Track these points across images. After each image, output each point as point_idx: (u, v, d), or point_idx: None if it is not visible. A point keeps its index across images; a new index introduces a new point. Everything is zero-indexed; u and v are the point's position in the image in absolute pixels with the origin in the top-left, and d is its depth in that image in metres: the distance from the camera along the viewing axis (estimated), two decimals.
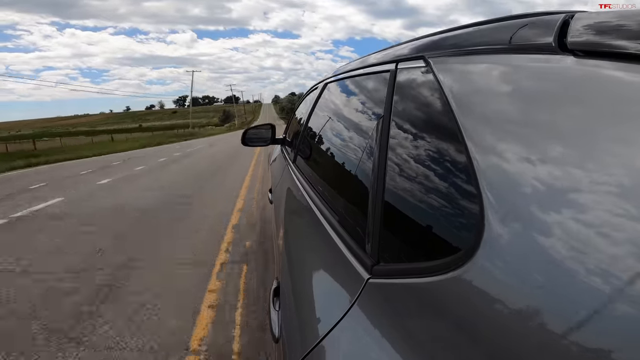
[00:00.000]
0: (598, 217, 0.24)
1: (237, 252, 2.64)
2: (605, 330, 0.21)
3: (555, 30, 0.35)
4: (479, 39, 0.47)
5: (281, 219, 1.19)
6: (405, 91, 0.57)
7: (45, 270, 2.42)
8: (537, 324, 0.25)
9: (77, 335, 1.66)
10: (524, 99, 0.35)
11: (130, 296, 2.03)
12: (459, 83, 0.44)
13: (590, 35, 0.33)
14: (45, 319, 1.81)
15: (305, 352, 0.49)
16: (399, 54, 0.66)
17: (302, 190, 1.06)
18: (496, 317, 0.28)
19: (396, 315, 0.40)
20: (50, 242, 2.99)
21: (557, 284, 0.24)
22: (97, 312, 1.86)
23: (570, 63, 0.32)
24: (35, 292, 2.09)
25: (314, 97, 1.44)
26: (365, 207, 0.56)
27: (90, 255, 2.64)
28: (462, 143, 0.37)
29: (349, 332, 0.45)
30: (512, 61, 0.39)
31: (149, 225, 3.47)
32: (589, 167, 0.26)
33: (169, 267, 2.41)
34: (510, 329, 0.26)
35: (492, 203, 0.31)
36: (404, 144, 0.51)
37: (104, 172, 7.57)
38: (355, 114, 0.86)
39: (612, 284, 0.22)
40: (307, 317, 0.58)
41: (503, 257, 0.29)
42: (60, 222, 3.63)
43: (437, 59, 0.50)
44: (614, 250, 0.22)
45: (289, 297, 0.70)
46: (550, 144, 0.30)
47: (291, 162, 1.50)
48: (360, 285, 0.47)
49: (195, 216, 3.71)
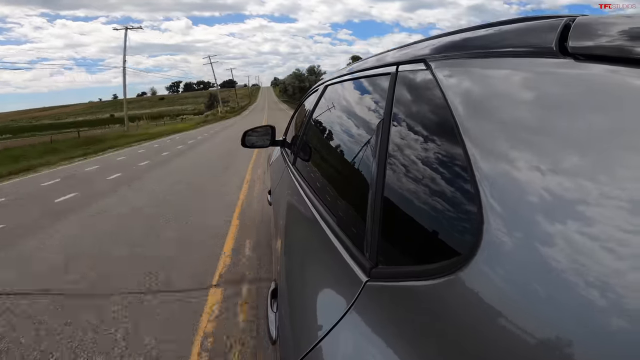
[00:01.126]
0: (598, 224, 0.24)
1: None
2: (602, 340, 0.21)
3: (556, 34, 0.35)
4: (479, 43, 0.47)
5: (280, 221, 1.19)
6: (406, 94, 0.57)
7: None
8: (533, 329, 0.25)
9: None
10: (524, 103, 0.35)
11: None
12: (460, 87, 0.44)
13: (592, 39, 0.33)
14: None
15: (303, 354, 0.48)
16: (399, 56, 0.66)
17: (302, 192, 1.06)
18: (493, 320, 0.27)
19: (394, 318, 0.40)
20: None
21: (554, 291, 0.24)
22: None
23: (571, 67, 0.32)
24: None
25: (315, 99, 1.44)
26: (364, 210, 0.56)
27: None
28: (462, 147, 0.37)
29: (347, 335, 0.45)
30: (513, 65, 0.39)
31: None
32: (590, 173, 0.26)
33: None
34: (506, 333, 0.26)
35: (492, 207, 0.31)
36: (404, 147, 0.51)
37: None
38: (355, 117, 0.86)
39: (610, 293, 0.21)
40: (304, 319, 0.58)
41: (501, 261, 0.29)
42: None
43: (438, 63, 0.50)
44: (613, 259, 0.22)
45: (287, 299, 0.70)
46: (552, 149, 0.29)
47: (291, 164, 1.50)
48: (359, 287, 0.47)
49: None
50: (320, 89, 1.40)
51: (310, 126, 1.36)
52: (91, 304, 1.99)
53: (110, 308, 1.90)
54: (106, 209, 4.02)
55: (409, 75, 0.58)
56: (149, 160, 8.05)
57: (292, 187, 1.22)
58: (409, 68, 0.59)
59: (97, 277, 2.29)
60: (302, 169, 1.26)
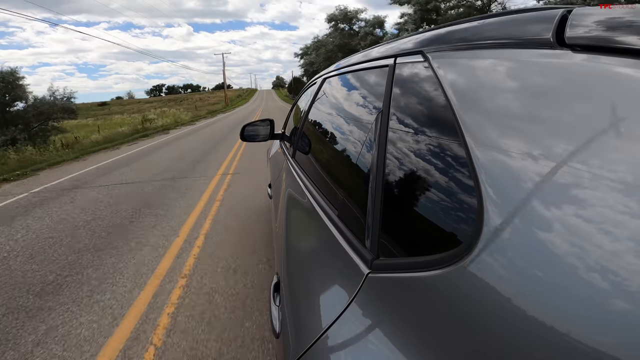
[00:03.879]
0: (598, 213, 0.24)
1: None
2: (604, 327, 0.22)
3: (553, 25, 0.35)
4: (477, 34, 0.47)
5: (280, 214, 1.20)
6: (404, 86, 0.57)
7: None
8: (535, 319, 0.25)
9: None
10: (522, 94, 0.35)
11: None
12: (457, 78, 0.44)
13: (589, 30, 0.33)
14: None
15: (307, 346, 0.49)
16: (398, 48, 0.66)
17: (302, 185, 1.06)
18: (494, 310, 0.28)
19: (396, 309, 0.40)
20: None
21: (555, 280, 0.25)
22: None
23: (569, 58, 0.32)
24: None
25: (313, 92, 1.43)
26: (364, 202, 0.56)
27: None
28: (461, 137, 0.37)
29: (350, 326, 0.45)
30: (510, 56, 0.39)
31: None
32: (588, 162, 0.26)
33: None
34: (507, 323, 0.27)
35: (492, 198, 0.31)
36: (403, 138, 0.51)
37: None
38: (354, 109, 0.85)
39: (611, 281, 0.22)
40: (307, 313, 0.58)
41: (501, 251, 0.29)
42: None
43: (435, 54, 0.50)
44: (614, 247, 0.23)
45: (289, 292, 0.71)
46: (550, 139, 0.30)
47: (290, 157, 1.49)
48: (360, 279, 0.48)
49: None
50: (318, 82, 1.39)
51: (310, 119, 1.35)
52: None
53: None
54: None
55: (407, 67, 0.58)
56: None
57: (292, 180, 1.23)
58: (406, 60, 0.59)
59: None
60: (302, 162, 1.26)
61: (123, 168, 5.97)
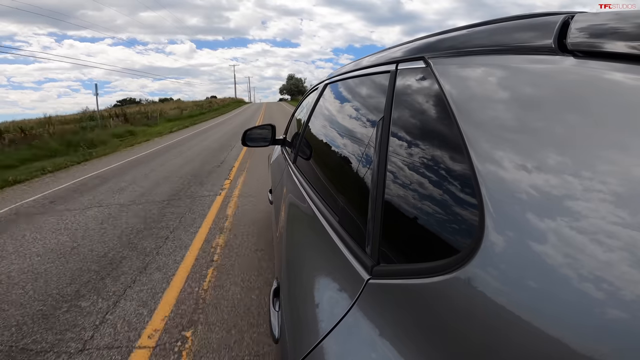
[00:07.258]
0: (597, 225, 0.24)
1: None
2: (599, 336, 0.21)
3: (555, 32, 0.35)
4: (479, 40, 0.47)
5: (281, 220, 1.19)
6: (405, 92, 0.57)
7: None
8: (534, 326, 0.25)
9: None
10: (523, 100, 0.35)
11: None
12: (459, 83, 0.44)
13: (590, 36, 0.33)
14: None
15: (306, 352, 0.49)
16: (399, 54, 0.66)
17: (302, 191, 1.06)
18: (493, 317, 0.28)
19: (396, 316, 0.40)
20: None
21: (553, 289, 0.24)
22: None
23: (570, 64, 0.32)
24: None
25: (315, 98, 1.43)
26: (365, 208, 0.56)
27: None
28: (462, 144, 0.37)
29: (349, 333, 0.45)
30: (512, 62, 0.39)
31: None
32: (590, 173, 0.26)
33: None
34: (507, 330, 0.26)
35: (493, 205, 0.31)
36: (404, 145, 0.51)
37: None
38: (355, 115, 0.86)
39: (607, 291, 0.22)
40: (307, 318, 0.58)
41: (501, 259, 0.29)
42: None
43: (437, 60, 0.50)
44: (610, 258, 0.22)
45: (289, 297, 0.70)
46: (553, 147, 0.29)
47: (291, 163, 1.49)
48: (361, 285, 0.47)
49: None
50: (320, 88, 1.40)
51: (311, 125, 1.35)
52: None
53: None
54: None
55: (409, 73, 0.58)
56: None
57: (293, 185, 1.22)
58: (408, 66, 0.59)
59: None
60: (303, 167, 1.26)
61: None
